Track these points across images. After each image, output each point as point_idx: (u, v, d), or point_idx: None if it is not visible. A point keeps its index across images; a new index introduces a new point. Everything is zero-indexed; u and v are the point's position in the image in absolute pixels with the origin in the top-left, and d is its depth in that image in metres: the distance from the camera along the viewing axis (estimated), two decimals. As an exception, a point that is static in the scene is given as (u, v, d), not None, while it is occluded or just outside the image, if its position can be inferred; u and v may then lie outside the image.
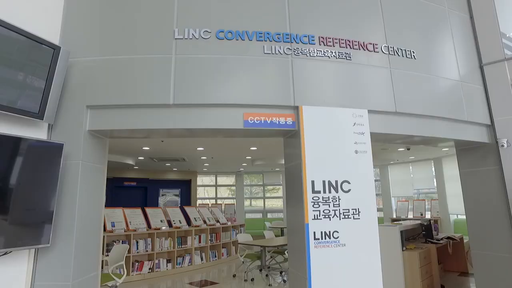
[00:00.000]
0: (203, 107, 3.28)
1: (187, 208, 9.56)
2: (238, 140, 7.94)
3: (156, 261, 7.83)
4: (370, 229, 3.30)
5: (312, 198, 3.20)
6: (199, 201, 15.33)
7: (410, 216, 11.57)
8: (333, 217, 3.22)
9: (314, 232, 3.14)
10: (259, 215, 16.23)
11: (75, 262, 2.93)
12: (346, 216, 3.25)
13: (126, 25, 3.41)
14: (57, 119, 3.14)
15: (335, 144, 3.37)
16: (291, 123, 3.38)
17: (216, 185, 16.27)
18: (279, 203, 16.40)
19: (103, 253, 6.84)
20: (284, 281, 7.18)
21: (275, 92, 3.36)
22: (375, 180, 10.34)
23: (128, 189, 13.91)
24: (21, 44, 2.76)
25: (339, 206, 3.25)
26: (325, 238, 3.16)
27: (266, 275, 7.56)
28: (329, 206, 3.23)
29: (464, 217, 10.29)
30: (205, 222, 9.44)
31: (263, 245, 7.33)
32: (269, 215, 16.11)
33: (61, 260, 2.91)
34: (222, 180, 16.62)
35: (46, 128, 3.14)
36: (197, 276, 7.92)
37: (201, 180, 16.25)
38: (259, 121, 3.31)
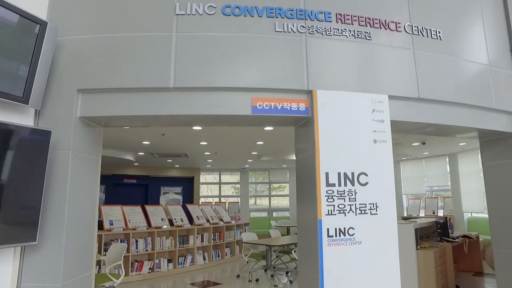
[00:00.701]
0: (207, 91, 2.97)
1: (189, 206, 9.26)
2: (244, 133, 7.62)
3: (157, 261, 7.53)
4: (389, 226, 2.99)
5: (326, 192, 2.89)
6: (202, 200, 15.03)
7: (422, 214, 11.20)
8: (348, 212, 2.90)
9: (328, 229, 2.83)
10: (264, 214, 15.93)
11: (66, 262, 2.63)
12: (363, 212, 2.94)
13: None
14: (44, 105, 2.83)
15: (352, 133, 3.06)
16: (304, 109, 3.06)
17: (220, 183, 15.96)
18: (284, 202, 16.08)
19: (100, 253, 6.56)
20: (291, 281, 6.87)
21: (287, 74, 3.05)
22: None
23: (128, 187, 13.62)
24: (1, 18, 2.45)
25: (355, 200, 2.94)
26: (340, 235, 2.84)
27: (272, 276, 7.26)
28: (345, 201, 2.91)
29: (479, 215, 10.10)
30: (208, 220, 9.14)
31: (269, 244, 7.01)
32: (274, 214, 15.80)
33: (49, 259, 2.61)
34: (226, 178, 16.33)
35: (32, 114, 2.84)
36: (199, 276, 7.62)
37: (204, 178, 15.96)
38: (268, 107, 3.00)
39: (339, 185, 2.92)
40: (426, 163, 12.20)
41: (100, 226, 7.21)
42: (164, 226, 8.01)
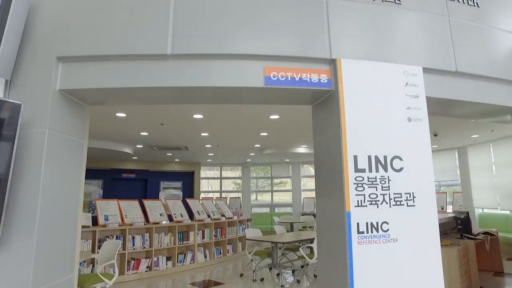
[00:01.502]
0: (211, 59, 2.49)
1: (189, 201, 8.79)
2: (247, 122, 7.14)
3: (155, 259, 7.06)
4: (429, 220, 2.51)
5: (355, 179, 2.41)
6: (202, 195, 14.55)
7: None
8: (381, 203, 2.43)
9: (358, 224, 2.35)
10: (266, 210, 15.46)
11: (37, 265, 2.14)
12: (398, 203, 2.46)
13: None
14: (16, 74, 2.36)
15: (383, 110, 2.58)
16: (326, 81, 2.58)
17: (220, 178, 15.48)
18: (286, 197, 15.61)
19: (94, 251, 6.09)
20: (298, 281, 6.41)
21: (306, 40, 2.57)
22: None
23: (126, 181, 13.14)
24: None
25: (388, 189, 2.46)
26: (372, 231, 2.37)
27: (277, 274, 6.80)
28: (376, 189, 2.44)
29: (491, 211, 9.66)
30: (209, 216, 8.68)
31: (274, 241, 6.53)
32: (276, 210, 15.34)
33: (16, 262, 2.11)
34: (227, 174, 15.85)
35: (2, 85, 2.35)
36: (200, 275, 7.16)
37: (204, 173, 15.48)
38: (284, 78, 2.51)
39: (370, 170, 2.45)
40: (434, 157, 11.66)
41: (95, 221, 6.77)
42: (164, 222, 7.55)
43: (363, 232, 2.34)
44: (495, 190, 9.49)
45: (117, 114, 6.25)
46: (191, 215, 8.32)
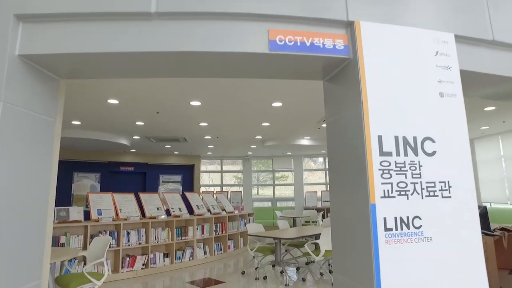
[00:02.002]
0: (204, 19, 2.05)
1: (188, 194, 8.39)
2: (249, 111, 6.70)
3: (151, 256, 6.66)
4: (468, 213, 2.07)
5: (381, 164, 1.97)
6: (202, 189, 14.15)
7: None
8: (412, 194, 1.99)
9: (385, 219, 1.92)
10: (267, 204, 15.06)
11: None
12: (432, 193, 2.03)
13: None
14: (-34, 36, 1.93)
15: (410, 82, 2.14)
16: (342, 47, 2.14)
17: (221, 171, 15.06)
18: (287, 192, 15.21)
19: (86, 247, 5.70)
20: (303, 279, 6.00)
21: (318, -3, 2.13)
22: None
23: (124, 175, 12.75)
24: None
25: (420, 176, 2.03)
26: (402, 228, 1.94)
27: (281, 272, 6.39)
28: (406, 177, 2.00)
29: (500, 205, 9.26)
30: (209, 210, 8.28)
31: (278, 237, 6.11)
32: (278, 204, 14.93)
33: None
34: (228, 167, 15.44)
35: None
36: (199, 273, 6.76)
37: (205, 167, 15.08)
38: (292, 43, 2.08)
39: (397, 154, 2.01)
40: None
41: (88, 216, 6.36)
42: (162, 216, 7.16)
43: (391, 229, 1.91)
44: (505, 184, 9.09)
45: (109, 101, 5.83)
46: (190, 209, 7.92)
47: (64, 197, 10.96)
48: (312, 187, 14.40)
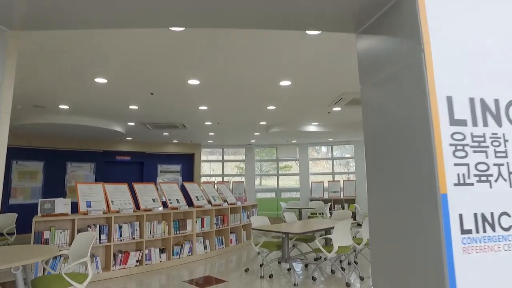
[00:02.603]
0: None
1: (187, 185, 7.81)
2: (253, 93, 6.07)
3: (146, 252, 6.07)
4: None
5: (452, 137, 1.37)
6: (203, 179, 13.58)
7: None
8: (496, 180, 1.39)
9: (461, 216, 1.32)
10: (271, 195, 14.49)
11: None
12: (522, 180, 1.43)
13: None
14: None
15: (491, 25, 1.52)
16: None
17: (223, 160, 14.46)
18: (291, 182, 14.64)
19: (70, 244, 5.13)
20: (313, 278, 5.42)
21: None
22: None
23: (121, 165, 12.16)
24: None
25: (506, 155, 1.42)
26: (485, 230, 1.34)
27: (288, 269, 5.83)
28: (487, 156, 1.40)
29: None
30: (209, 202, 7.71)
31: (286, 232, 5.51)
32: (282, 195, 14.37)
33: None
34: (229, 156, 14.86)
35: None
36: (198, 270, 6.20)
37: (206, 156, 14.50)
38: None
39: (474, 124, 1.41)
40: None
41: (76, 209, 5.79)
42: (160, 208, 6.59)
43: (469, 231, 1.31)
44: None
45: (96, 80, 5.21)
46: (189, 201, 7.34)
47: (57, 189, 10.39)
48: (317, 177, 13.82)
